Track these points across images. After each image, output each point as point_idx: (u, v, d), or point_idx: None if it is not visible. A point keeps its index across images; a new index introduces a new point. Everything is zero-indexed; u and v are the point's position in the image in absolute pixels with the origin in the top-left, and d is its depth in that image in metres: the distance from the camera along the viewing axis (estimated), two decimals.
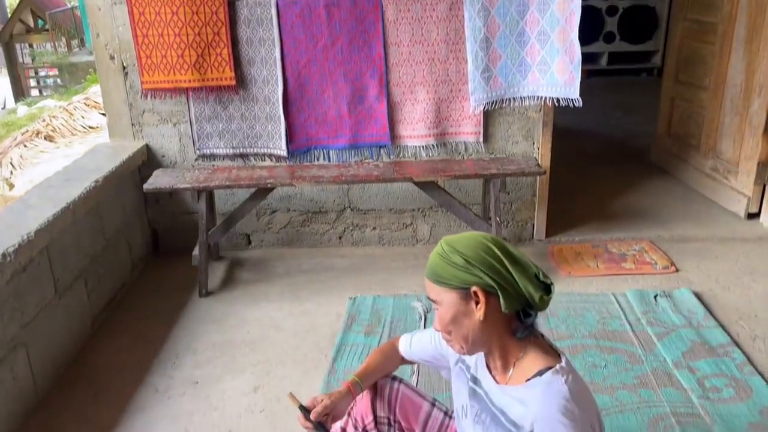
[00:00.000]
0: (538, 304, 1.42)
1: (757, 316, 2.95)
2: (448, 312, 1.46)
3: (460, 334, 1.47)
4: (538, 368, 1.44)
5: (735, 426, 2.23)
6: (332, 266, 3.62)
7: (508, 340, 1.48)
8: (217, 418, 2.40)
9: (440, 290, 1.46)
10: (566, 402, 1.37)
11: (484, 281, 1.41)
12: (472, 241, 1.46)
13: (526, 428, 1.40)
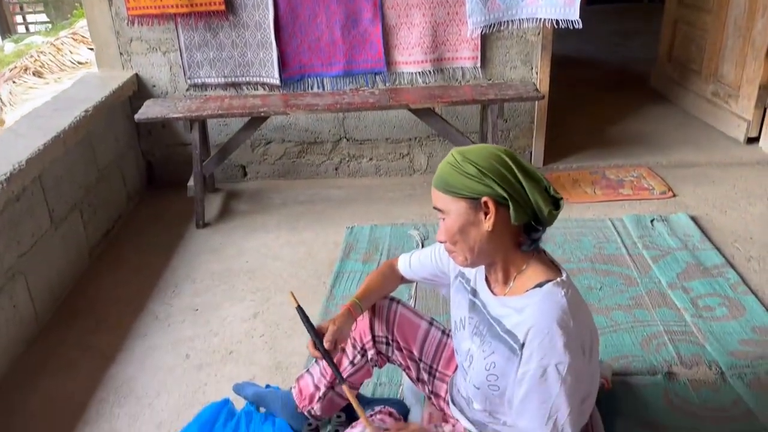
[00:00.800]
0: (547, 218, 1.41)
1: (753, 238, 2.96)
2: (456, 222, 1.44)
3: (466, 245, 1.46)
4: (538, 280, 1.44)
5: (726, 342, 2.27)
6: (329, 197, 3.61)
7: (513, 253, 1.48)
8: (218, 342, 2.44)
9: (449, 200, 1.44)
10: (563, 314, 1.37)
11: (495, 191, 1.39)
12: (485, 152, 1.44)
13: (520, 337, 1.42)
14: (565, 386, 1.37)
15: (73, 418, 2.09)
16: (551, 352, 1.36)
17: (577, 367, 1.37)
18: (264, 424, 1.94)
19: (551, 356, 1.36)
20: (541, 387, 1.38)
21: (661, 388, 2.08)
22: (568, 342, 1.36)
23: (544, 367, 1.37)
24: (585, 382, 1.47)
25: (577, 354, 1.37)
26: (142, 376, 2.27)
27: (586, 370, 1.43)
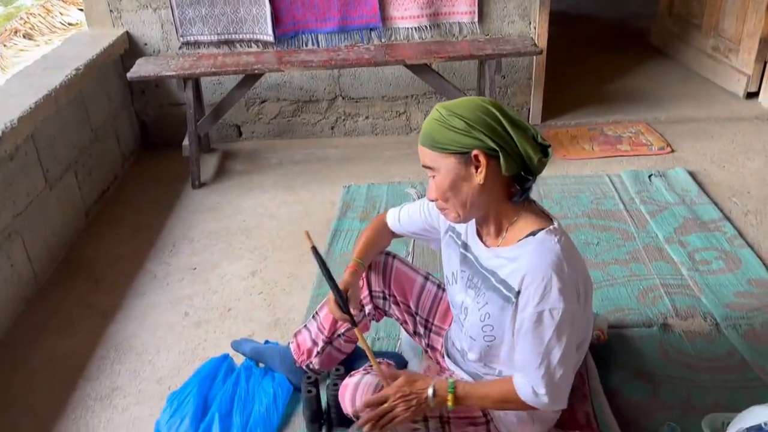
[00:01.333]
0: (537, 167, 1.40)
1: (750, 192, 2.95)
2: (447, 178, 1.43)
3: (458, 201, 1.45)
4: (531, 229, 1.44)
5: (722, 295, 2.28)
6: (325, 156, 3.58)
7: (505, 205, 1.47)
8: (217, 300, 2.45)
9: (438, 156, 1.42)
10: (557, 259, 1.38)
11: (485, 144, 1.37)
12: (470, 104, 1.41)
13: (514, 285, 1.42)
14: (559, 331, 1.38)
15: (74, 374, 2.11)
16: (546, 297, 1.37)
17: (571, 312, 1.38)
18: (263, 379, 1.96)
19: (546, 302, 1.37)
20: (536, 332, 1.39)
21: (657, 340, 2.10)
22: (562, 287, 1.37)
23: (540, 312, 1.38)
24: (580, 327, 1.49)
25: (571, 299, 1.39)
26: (142, 334, 2.29)
27: (581, 315, 1.44)
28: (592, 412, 1.77)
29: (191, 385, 1.93)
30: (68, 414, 1.96)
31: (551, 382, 1.41)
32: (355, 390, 1.60)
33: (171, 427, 1.80)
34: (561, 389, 1.43)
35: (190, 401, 1.86)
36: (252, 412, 1.86)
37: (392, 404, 1.50)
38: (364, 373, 1.64)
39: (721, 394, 1.88)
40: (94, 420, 1.94)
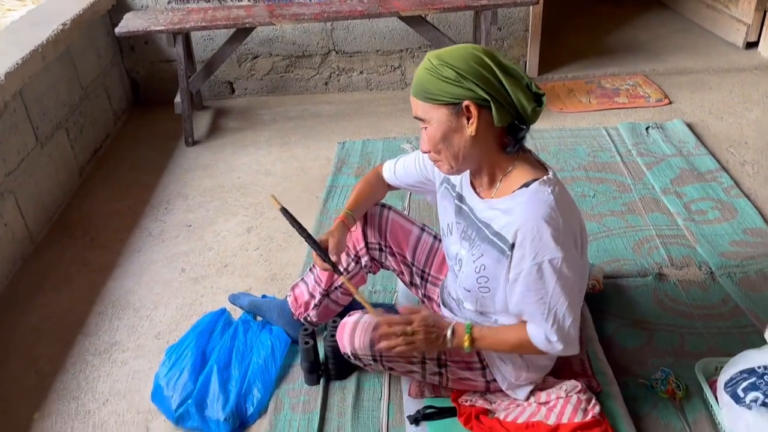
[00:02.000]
0: (530, 116, 1.38)
1: (748, 143, 2.94)
2: (439, 130, 1.40)
3: (450, 153, 1.43)
4: (524, 180, 1.43)
5: (718, 244, 2.29)
6: (319, 113, 3.54)
7: (498, 156, 1.45)
8: (213, 256, 2.45)
9: (429, 107, 1.40)
10: (551, 210, 1.37)
11: (476, 94, 1.34)
12: (463, 53, 1.38)
13: (509, 238, 1.41)
14: (561, 279, 1.38)
15: (73, 330, 2.12)
16: (543, 248, 1.36)
17: (570, 259, 1.38)
18: (261, 332, 1.97)
19: (544, 252, 1.36)
20: (538, 284, 1.39)
21: (651, 289, 2.11)
22: (558, 237, 1.36)
23: (539, 264, 1.37)
24: (579, 273, 1.49)
25: (569, 247, 1.38)
26: (139, 290, 2.29)
27: (579, 262, 1.44)
28: (587, 360, 1.79)
29: (189, 338, 1.94)
30: (68, 369, 1.97)
31: (561, 330, 1.42)
32: (353, 329, 1.61)
33: (170, 380, 1.81)
34: (572, 335, 1.45)
35: (188, 354, 1.87)
36: (250, 364, 1.87)
37: (415, 329, 1.51)
38: (363, 313, 1.64)
39: (715, 340, 1.90)
40: (93, 374, 1.95)
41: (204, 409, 1.75)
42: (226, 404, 1.75)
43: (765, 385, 1.50)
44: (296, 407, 1.79)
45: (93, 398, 1.87)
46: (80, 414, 1.83)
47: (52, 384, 1.92)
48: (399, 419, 1.72)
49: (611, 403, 1.67)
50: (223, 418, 1.72)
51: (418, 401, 1.72)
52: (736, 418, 1.52)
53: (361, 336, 1.59)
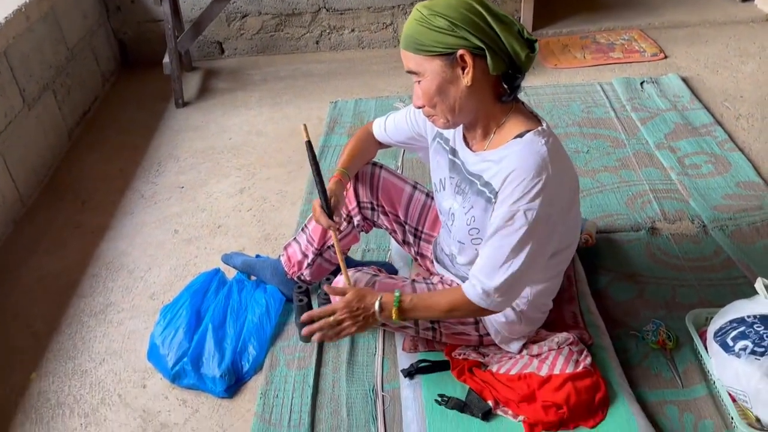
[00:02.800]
0: (524, 63, 1.35)
1: (743, 96, 2.92)
2: (433, 82, 1.38)
3: (446, 105, 1.41)
4: (518, 131, 1.41)
5: (710, 198, 2.29)
6: (311, 72, 3.49)
7: (493, 106, 1.43)
8: (206, 217, 2.44)
9: (422, 60, 1.37)
10: (542, 161, 1.35)
11: (470, 43, 1.32)
12: (452, 2, 1.34)
13: (496, 185, 1.40)
14: (529, 235, 1.36)
15: (67, 292, 2.12)
16: (524, 197, 1.35)
17: (546, 216, 1.36)
18: (255, 291, 1.98)
19: (522, 201, 1.35)
20: (506, 230, 1.37)
21: (644, 243, 2.11)
22: (543, 190, 1.34)
23: (514, 212, 1.36)
24: (562, 235, 1.48)
25: (549, 203, 1.36)
26: (133, 252, 2.29)
27: (561, 222, 1.43)
28: (579, 313, 1.80)
29: (183, 298, 1.94)
30: (64, 330, 1.98)
31: (507, 283, 1.40)
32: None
33: (165, 339, 1.82)
34: (513, 292, 1.45)
35: (182, 313, 1.88)
36: (245, 322, 1.88)
37: (338, 318, 1.52)
38: (355, 272, 1.65)
39: (706, 292, 1.91)
40: (89, 334, 1.96)
41: (200, 367, 1.76)
42: (222, 361, 1.76)
43: (754, 334, 1.52)
44: (291, 363, 1.80)
45: (89, 358, 1.89)
46: (77, 373, 1.84)
47: (48, 345, 1.93)
48: (393, 373, 1.74)
49: (603, 355, 1.69)
50: (219, 375, 1.73)
51: (412, 355, 1.74)
52: (725, 366, 1.54)
53: None
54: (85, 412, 1.73)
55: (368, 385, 1.72)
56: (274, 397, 1.71)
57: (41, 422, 1.71)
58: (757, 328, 1.53)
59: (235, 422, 1.68)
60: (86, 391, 1.78)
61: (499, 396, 1.58)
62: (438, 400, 1.60)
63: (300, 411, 1.67)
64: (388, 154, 2.63)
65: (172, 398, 1.75)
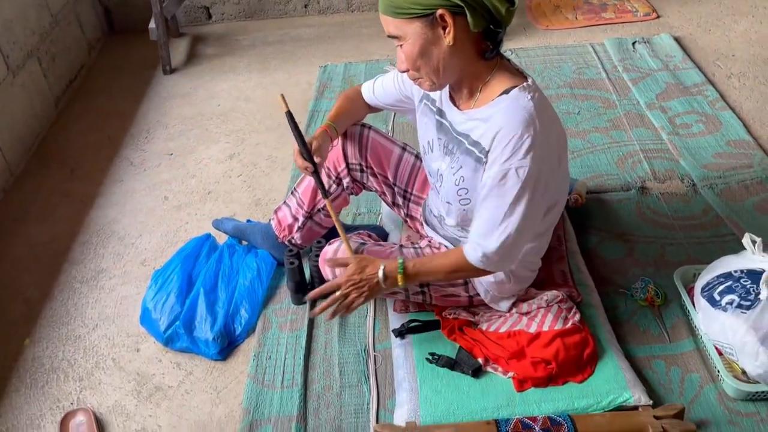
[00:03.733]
0: (505, 17, 1.34)
1: (735, 55, 2.90)
2: (415, 45, 1.36)
3: (430, 67, 1.39)
4: (504, 88, 1.40)
5: (701, 157, 2.29)
6: (300, 36, 3.45)
7: (477, 64, 1.42)
8: (195, 184, 2.43)
9: (401, 23, 1.35)
10: (529, 117, 1.35)
11: (449, 1, 1.30)
12: None
13: (485, 145, 1.40)
14: (523, 191, 1.37)
15: (58, 260, 2.12)
16: (514, 155, 1.35)
17: (538, 172, 1.36)
18: (246, 255, 1.98)
19: (513, 159, 1.35)
20: (500, 190, 1.38)
21: (634, 203, 2.12)
22: (532, 146, 1.34)
23: (505, 171, 1.36)
24: (551, 191, 1.49)
25: (540, 159, 1.36)
26: (123, 219, 2.28)
27: (552, 176, 1.43)
28: (568, 272, 1.82)
29: (174, 263, 1.94)
30: (56, 296, 1.99)
31: (505, 243, 1.40)
32: (334, 255, 1.63)
33: (157, 303, 1.83)
34: (513, 252, 1.45)
35: (174, 278, 1.89)
36: (237, 286, 1.89)
37: (344, 292, 1.53)
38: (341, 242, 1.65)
39: (695, 249, 1.93)
40: (81, 301, 1.97)
41: (192, 330, 1.77)
42: (214, 324, 1.77)
43: (741, 288, 1.53)
44: (284, 326, 1.82)
45: (82, 323, 1.90)
46: (71, 339, 1.85)
47: (41, 311, 1.94)
48: (385, 334, 1.76)
49: (591, 312, 1.70)
50: (211, 337, 1.75)
51: (402, 316, 1.75)
52: (712, 320, 1.56)
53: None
54: (79, 376, 1.74)
55: (360, 345, 1.74)
56: (267, 359, 1.73)
57: (36, 387, 1.72)
58: (743, 282, 1.54)
59: (229, 384, 1.70)
60: (80, 356, 1.80)
61: (489, 353, 1.60)
62: (429, 359, 1.62)
63: (293, 371, 1.69)
64: (379, 119, 2.61)
65: (165, 361, 1.77)
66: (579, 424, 1.42)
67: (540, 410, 1.49)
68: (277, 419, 1.58)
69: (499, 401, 1.52)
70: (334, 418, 1.57)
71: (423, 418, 1.49)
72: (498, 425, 1.43)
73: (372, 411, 1.58)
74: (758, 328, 1.46)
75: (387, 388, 1.63)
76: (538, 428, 1.42)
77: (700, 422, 1.48)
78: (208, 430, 1.59)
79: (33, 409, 1.66)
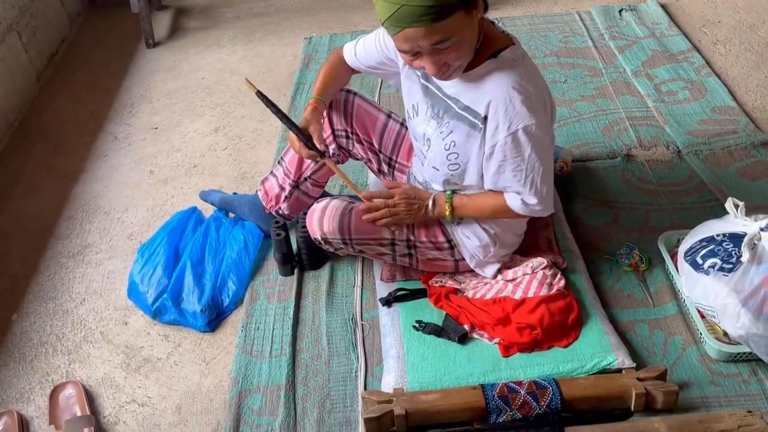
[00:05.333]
0: None
1: (721, 21, 2.89)
2: (465, 36, 1.29)
3: (471, 52, 1.35)
4: (492, 50, 1.41)
5: (686, 123, 2.30)
6: (284, 7, 3.40)
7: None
8: (181, 157, 2.41)
9: (446, 23, 1.24)
10: (520, 78, 1.37)
11: None
12: None
13: (480, 111, 1.41)
14: (536, 145, 1.40)
15: (44, 235, 2.11)
16: (517, 117, 1.37)
17: (542, 124, 1.40)
18: (233, 228, 1.98)
19: (518, 120, 1.37)
20: (514, 152, 1.41)
21: (620, 170, 2.13)
22: (530, 103, 1.37)
23: (513, 133, 1.38)
24: (551, 135, 1.50)
25: (540, 112, 1.39)
26: (108, 194, 2.27)
27: (549, 125, 1.46)
28: (553, 239, 1.83)
29: (161, 236, 1.94)
30: (42, 271, 1.98)
31: (540, 193, 1.46)
32: (322, 214, 1.63)
33: (144, 276, 1.83)
34: (549, 196, 1.50)
35: (160, 251, 1.88)
36: (224, 258, 1.89)
37: (396, 202, 1.58)
38: (331, 198, 1.66)
39: (679, 215, 1.94)
40: (68, 275, 1.97)
41: (180, 303, 1.78)
42: (202, 296, 1.78)
43: (723, 251, 1.55)
44: (272, 297, 1.82)
45: (70, 298, 1.89)
46: (58, 313, 1.85)
47: (27, 287, 1.93)
48: (372, 303, 1.77)
49: (576, 278, 1.72)
50: (199, 309, 1.75)
51: (390, 285, 1.76)
52: (694, 283, 1.57)
53: (330, 220, 1.61)
54: (68, 350, 1.75)
55: (348, 314, 1.75)
56: (255, 330, 1.74)
57: (24, 361, 1.72)
58: (726, 245, 1.56)
59: (218, 355, 1.71)
60: (68, 330, 1.80)
61: (475, 320, 1.62)
62: (416, 326, 1.64)
63: (281, 342, 1.70)
64: (366, 90, 2.60)
65: (154, 334, 1.77)
66: (564, 387, 1.44)
67: (525, 375, 1.51)
68: (266, 388, 1.59)
69: (485, 366, 1.54)
70: (322, 386, 1.59)
71: (410, 384, 1.50)
72: (484, 390, 1.45)
73: (360, 378, 1.59)
74: (739, 290, 1.48)
75: (374, 355, 1.65)
76: (523, 392, 1.44)
77: (683, 383, 1.51)
78: (198, 400, 1.60)
79: (22, 383, 1.67)
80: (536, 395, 1.43)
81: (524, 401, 1.42)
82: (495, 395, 1.43)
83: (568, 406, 1.43)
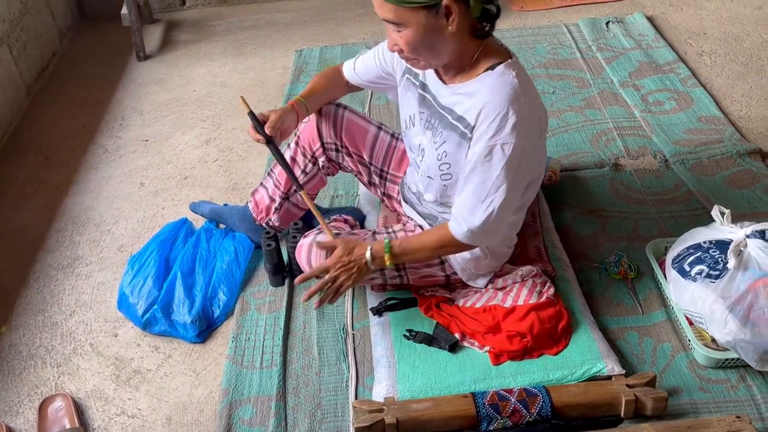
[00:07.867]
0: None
1: (706, 33, 2.93)
2: (418, 33, 1.36)
3: (430, 53, 1.40)
4: (490, 63, 1.43)
5: (672, 133, 2.32)
6: (275, 21, 3.43)
7: (469, 42, 1.44)
8: (172, 170, 2.42)
9: (404, 12, 1.33)
10: (514, 93, 1.38)
11: None
12: None
13: (471, 120, 1.42)
14: (508, 168, 1.39)
15: (33, 247, 2.10)
16: (500, 131, 1.37)
17: (522, 148, 1.39)
18: (224, 239, 1.98)
19: (499, 136, 1.38)
20: (485, 166, 1.40)
21: (608, 179, 2.15)
22: (517, 123, 1.37)
23: (491, 147, 1.39)
24: (532, 166, 1.51)
25: (525, 135, 1.39)
26: (99, 206, 2.27)
27: (534, 152, 1.45)
28: (543, 247, 1.84)
29: (151, 247, 1.94)
30: (31, 284, 1.97)
31: (490, 219, 1.43)
32: (309, 251, 1.64)
33: (134, 288, 1.82)
34: (497, 226, 1.47)
35: (151, 263, 1.88)
36: (214, 269, 1.89)
37: (334, 275, 1.54)
38: (317, 233, 1.67)
39: (667, 223, 1.96)
40: (58, 288, 1.96)
41: (170, 314, 1.77)
42: (192, 307, 1.77)
43: (710, 259, 1.57)
44: (262, 308, 1.82)
45: (59, 310, 1.89)
46: (47, 326, 1.84)
47: (16, 299, 1.93)
48: (363, 312, 1.77)
49: (566, 286, 1.73)
50: (190, 320, 1.75)
51: (380, 294, 1.77)
52: (682, 290, 1.59)
53: (317, 256, 1.62)
54: (57, 363, 1.74)
55: (339, 324, 1.75)
56: (246, 340, 1.73)
57: (13, 373, 1.71)
58: (712, 252, 1.57)
59: (208, 366, 1.70)
60: (57, 342, 1.79)
61: (466, 329, 1.62)
62: (406, 335, 1.64)
63: (272, 352, 1.70)
64: (356, 101, 2.61)
65: (144, 345, 1.77)
66: (554, 394, 1.45)
67: (516, 383, 1.51)
68: (256, 399, 1.59)
69: (475, 375, 1.54)
70: (313, 396, 1.58)
71: (401, 393, 1.51)
72: (475, 398, 1.45)
73: (351, 388, 1.59)
74: (726, 296, 1.49)
75: (365, 365, 1.64)
76: (514, 399, 1.44)
77: (672, 390, 1.52)
78: (188, 411, 1.60)
79: (11, 396, 1.66)
80: (527, 403, 1.43)
81: (515, 409, 1.43)
82: (486, 403, 1.44)
83: (558, 413, 1.43)
